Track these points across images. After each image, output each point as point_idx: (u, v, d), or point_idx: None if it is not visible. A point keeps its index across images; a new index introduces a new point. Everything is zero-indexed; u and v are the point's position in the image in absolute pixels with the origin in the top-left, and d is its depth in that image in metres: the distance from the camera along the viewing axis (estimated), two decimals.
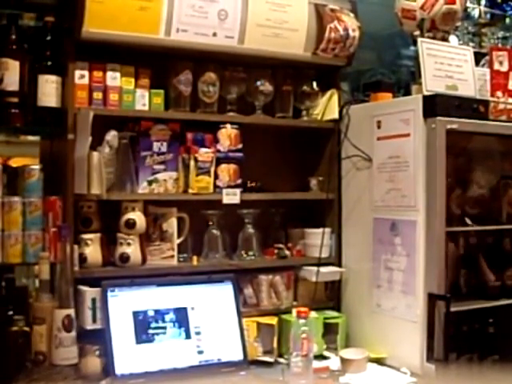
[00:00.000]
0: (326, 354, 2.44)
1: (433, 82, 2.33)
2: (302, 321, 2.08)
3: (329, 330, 2.48)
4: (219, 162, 2.42)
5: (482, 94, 2.49)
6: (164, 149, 2.36)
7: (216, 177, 2.41)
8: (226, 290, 2.35)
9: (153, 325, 2.17)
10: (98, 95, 2.23)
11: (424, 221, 2.24)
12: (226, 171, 2.43)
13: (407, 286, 2.30)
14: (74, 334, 2.05)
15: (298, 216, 2.69)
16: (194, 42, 2.30)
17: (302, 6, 2.48)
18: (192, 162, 2.36)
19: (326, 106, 2.66)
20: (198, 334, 2.23)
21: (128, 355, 2.10)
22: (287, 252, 2.58)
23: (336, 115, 2.63)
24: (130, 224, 2.26)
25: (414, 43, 2.49)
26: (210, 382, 2.15)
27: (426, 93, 2.29)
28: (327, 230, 2.61)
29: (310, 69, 2.64)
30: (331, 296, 2.64)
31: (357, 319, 2.53)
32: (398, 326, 2.33)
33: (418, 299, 2.25)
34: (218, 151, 2.42)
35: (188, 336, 2.22)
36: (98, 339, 2.11)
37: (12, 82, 2.10)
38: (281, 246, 2.59)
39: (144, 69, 2.33)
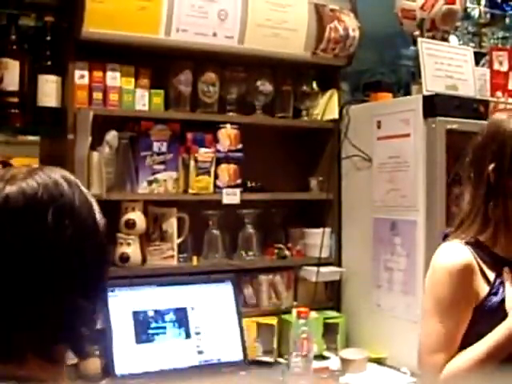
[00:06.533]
0: (325, 354, 2.44)
1: (433, 82, 2.33)
2: (301, 321, 2.08)
3: (329, 330, 2.48)
4: (219, 161, 2.42)
5: (482, 93, 2.49)
6: (164, 149, 2.35)
7: (216, 177, 2.41)
8: (225, 290, 2.35)
9: (153, 325, 2.17)
10: (97, 95, 2.23)
11: (424, 221, 2.24)
12: (226, 171, 2.43)
13: (407, 286, 2.30)
14: None
15: (298, 216, 2.69)
16: (194, 41, 2.30)
17: (301, 5, 2.48)
18: (192, 162, 2.36)
19: (326, 106, 2.65)
20: (197, 334, 2.23)
21: (128, 355, 2.10)
22: (287, 252, 2.58)
23: (336, 115, 2.63)
24: (130, 224, 2.26)
25: (414, 43, 2.49)
26: (209, 382, 2.15)
27: (425, 93, 2.29)
28: (327, 230, 2.61)
29: (309, 69, 2.64)
30: (331, 296, 2.64)
31: (357, 319, 2.53)
32: (398, 325, 2.33)
33: (417, 299, 2.24)
34: (218, 151, 2.42)
35: (188, 336, 2.22)
36: (97, 339, 2.11)
37: (12, 81, 2.10)
38: (281, 246, 2.58)
39: (144, 69, 2.33)
